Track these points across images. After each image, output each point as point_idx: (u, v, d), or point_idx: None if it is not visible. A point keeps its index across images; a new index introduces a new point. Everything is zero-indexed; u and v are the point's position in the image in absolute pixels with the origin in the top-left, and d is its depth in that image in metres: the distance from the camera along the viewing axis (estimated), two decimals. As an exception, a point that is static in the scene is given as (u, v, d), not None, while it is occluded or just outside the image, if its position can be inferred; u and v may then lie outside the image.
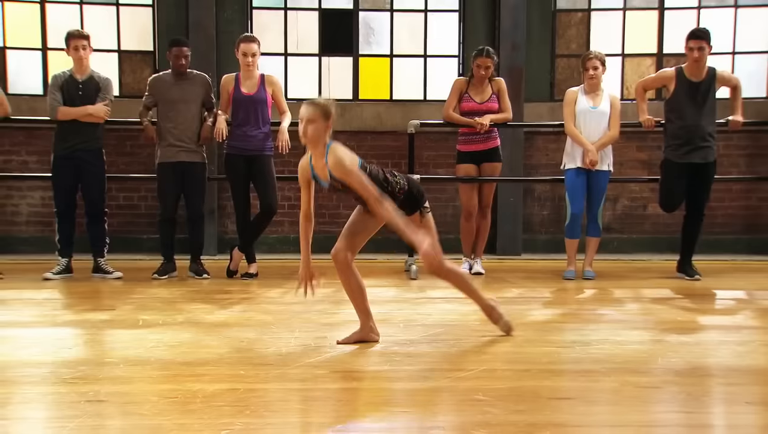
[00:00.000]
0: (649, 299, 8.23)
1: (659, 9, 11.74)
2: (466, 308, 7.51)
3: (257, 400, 4.66)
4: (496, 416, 4.29)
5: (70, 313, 7.32)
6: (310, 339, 6.21)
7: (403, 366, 5.43)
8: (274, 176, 9.32)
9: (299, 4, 11.59)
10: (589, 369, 5.28)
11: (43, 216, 11.27)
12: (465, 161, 9.68)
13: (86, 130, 9.15)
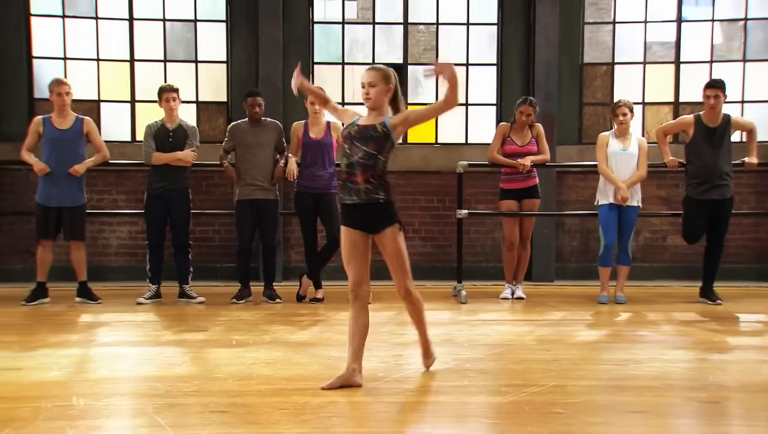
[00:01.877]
0: (680, 322, 8.19)
1: (675, 63, 11.75)
2: (520, 329, 7.57)
3: (358, 412, 4.70)
4: (578, 428, 4.31)
5: (169, 333, 7.35)
6: (388, 357, 6.24)
7: (479, 381, 5.46)
8: (339, 211, 9.31)
9: (355, 59, 11.65)
10: (649, 385, 5.29)
11: (130, 248, 11.34)
12: (507, 198, 9.70)
13: (175, 172, 9.24)
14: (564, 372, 5.68)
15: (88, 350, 6.75)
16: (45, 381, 5.47)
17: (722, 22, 11.99)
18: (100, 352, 6.65)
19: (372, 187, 5.23)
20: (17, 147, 10.56)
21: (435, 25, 11.75)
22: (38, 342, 6.95)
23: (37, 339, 7.06)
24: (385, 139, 5.24)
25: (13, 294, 9.60)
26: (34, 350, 6.59)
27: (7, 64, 11.19)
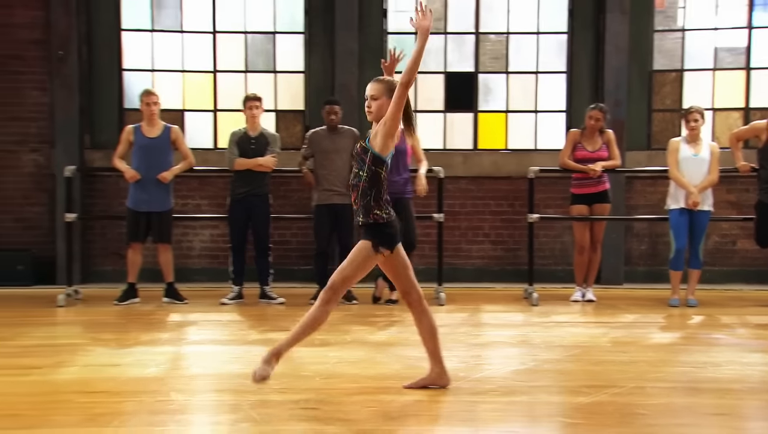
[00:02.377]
0: (755, 325, 8.09)
1: (746, 69, 11.53)
2: (593, 331, 7.51)
3: (446, 410, 4.71)
4: (662, 429, 4.28)
5: (254, 333, 7.43)
6: (467, 357, 6.25)
7: (559, 382, 5.44)
8: (414, 216, 9.35)
9: (428, 68, 11.64)
10: (729, 388, 5.22)
11: (212, 250, 11.46)
12: (578, 202, 9.64)
13: (257, 178, 9.33)
14: (642, 373, 5.63)
15: (180, 348, 6.89)
16: (143, 377, 5.58)
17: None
18: (191, 350, 6.78)
19: (357, 208, 5.11)
20: (108, 155, 10.79)
21: (505, 35, 11.68)
22: (132, 340, 7.09)
23: (131, 337, 7.21)
24: (364, 153, 4.98)
25: (105, 294, 9.78)
26: (130, 347, 6.74)
27: (100, 77, 11.41)
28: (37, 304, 9.24)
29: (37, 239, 11.23)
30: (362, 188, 5.00)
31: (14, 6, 11.11)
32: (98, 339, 7.14)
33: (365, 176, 4.97)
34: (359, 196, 5.04)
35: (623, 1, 11.18)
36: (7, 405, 4.83)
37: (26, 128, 11.25)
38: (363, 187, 4.99)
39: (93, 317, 8.46)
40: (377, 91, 4.96)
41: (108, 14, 11.39)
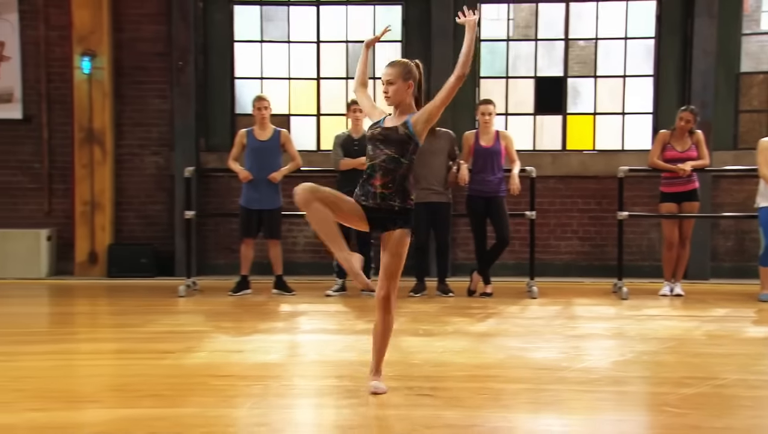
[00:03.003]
0: None
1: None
2: (686, 325, 7.35)
3: (556, 398, 4.62)
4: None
5: (361, 322, 7.42)
6: (567, 348, 6.17)
7: (660, 373, 5.32)
8: (507, 213, 9.27)
9: (518, 73, 11.55)
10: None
11: (314, 245, 11.49)
12: (667, 200, 9.42)
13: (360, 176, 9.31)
14: (743, 366, 5.49)
15: (294, 336, 6.98)
16: (266, 363, 5.67)
17: None
18: (305, 338, 6.85)
19: (388, 192, 4.72)
20: (221, 157, 11.00)
21: (594, 40, 11.50)
22: (250, 328, 7.17)
23: (249, 326, 7.29)
24: (408, 141, 4.73)
25: (219, 286, 9.94)
26: (249, 335, 6.83)
27: (214, 85, 11.58)
28: (160, 294, 9.42)
29: (157, 234, 11.45)
30: (400, 174, 4.75)
31: (141, 22, 11.35)
32: (220, 327, 7.25)
33: (406, 162, 4.76)
34: (395, 181, 4.74)
35: (711, 6, 10.92)
36: (149, 385, 4.95)
37: (148, 133, 11.48)
38: (401, 173, 4.76)
39: (211, 307, 8.56)
40: (393, 76, 4.84)
41: (222, 28, 11.56)
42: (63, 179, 11.41)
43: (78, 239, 11.15)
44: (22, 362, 5.74)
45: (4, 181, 11.43)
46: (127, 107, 11.42)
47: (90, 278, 10.87)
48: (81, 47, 10.96)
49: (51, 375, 5.30)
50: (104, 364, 5.70)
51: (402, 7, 11.56)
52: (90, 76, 10.97)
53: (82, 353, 6.13)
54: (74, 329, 7.60)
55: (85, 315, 8.52)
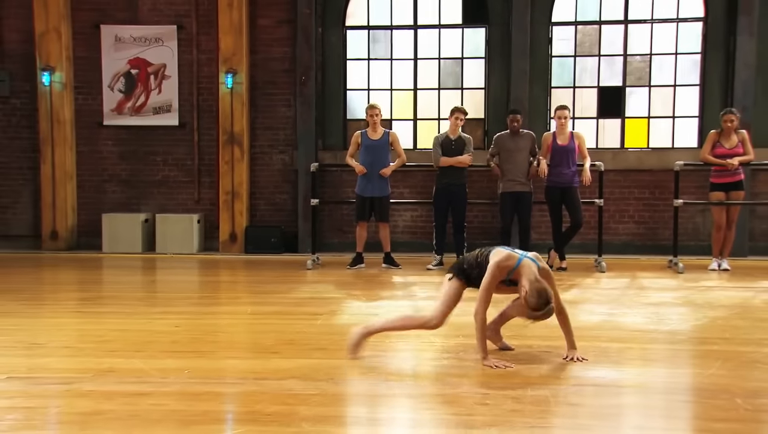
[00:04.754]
0: None
1: None
2: (744, 294, 7.24)
3: (654, 355, 4.58)
4: None
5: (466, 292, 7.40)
6: (648, 314, 6.17)
7: (739, 335, 5.27)
8: (580, 200, 9.24)
9: (583, 83, 11.45)
10: None
11: (411, 228, 11.57)
12: (717, 190, 9.31)
13: (457, 172, 9.42)
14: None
15: (415, 302, 6.98)
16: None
17: None
18: (425, 304, 6.74)
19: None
20: (334, 154, 11.19)
21: (648, 56, 11.34)
22: (375, 295, 7.31)
23: (374, 294, 7.42)
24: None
25: (335, 261, 10.13)
26: (377, 301, 6.97)
27: (330, 96, 11.73)
28: (291, 267, 9.61)
29: (284, 218, 11.67)
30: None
31: (272, 45, 11.57)
32: (351, 294, 7.39)
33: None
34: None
35: (752, 26, 10.69)
36: (314, 340, 5.13)
37: (276, 135, 11.69)
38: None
39: (336, 277, 8.69)
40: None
41: (337, 48, 11.69)
42: (209, 173, 11.70)
43: (221, 222, 11.43)
44: (207, 320, 5.97)
45: (165, 175, 11.79)
46: (260, 114, 11.64)
47: (231, 254, 11.15)
48: (225, 66, 11.22)
49: (234, 331, 5.51)
50: (270, 322, 5.87)
51: (485, 29, 11.53)
52: (231, 89, 11.22)
53: (249, 314, 6.32)
54: (234, 294, 7.84)
55: (239, 283, 8.76)
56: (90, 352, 4.70)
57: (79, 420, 3.33)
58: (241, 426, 3.22)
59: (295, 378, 4.10)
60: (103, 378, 4.04)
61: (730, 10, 10.89)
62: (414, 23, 11.69)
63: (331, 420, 3.44)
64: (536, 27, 11.27)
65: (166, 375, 4.12)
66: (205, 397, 3.69)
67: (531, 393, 3.75)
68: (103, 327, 5.52)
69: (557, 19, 11.43)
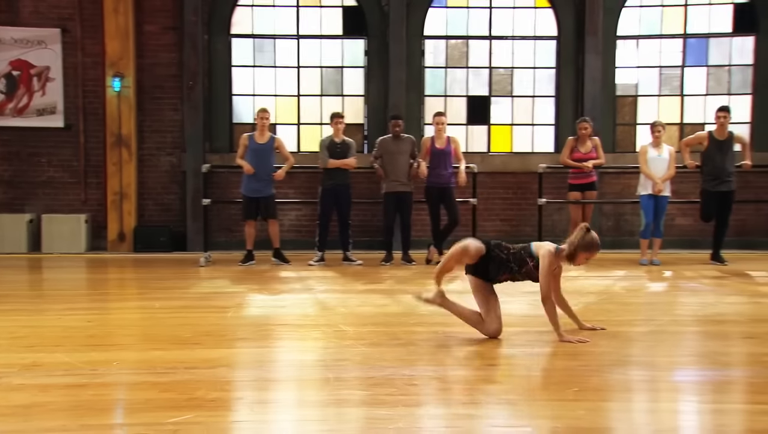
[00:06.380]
0: (710, 277, 8.09)
1: (680, 95, 11.72)
2: (606, 282, 7.53)
3: (547, 339, 4.74)
4: (713, 348, 4.37)
5: (359, 285, 7.45)
6: (532, 301, 6.25)
7: (613, 317, 5.41)
8: (456, 200, 9.49)
9: (454, 92, 11.79)
10: (735, 320, 5.32)
11: (296, 227, 11.51)
12: (574, 190, 9.85)
13: (342, 173, 9.41)
14: (668, 310, 5.77)
15: (314, 295, 6.77)
16: (310, 315, 5.67)
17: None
18: (326, 296, 6.72)
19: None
20: (222, 157, 10.98)
21: (510, 69, 11.81)
22: (275, 289, 7.18)
23: (273, 288, 7.31)
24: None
25: (225, 258, 9.90)
26: (277, 295, 6.84)
27: (217, 100, 11.49)
28: (183, 265, 9.32)
29: (172, 218, 11.33)
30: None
31: (159, 51, 11.22)
32: (251, 289, 7.18)
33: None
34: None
35: (597, 45, 11.34)
36: (232, 331, 5.00)
37: (164, 138, 11.34)
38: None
39: (230, 274, 8.48)
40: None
41: (223, 55, 11.47)
42: (96, 174, 11.17)
43: (110, 222, 10.95)
44: (118, 315, 5.72)
45: (50, 176, 11.15)
46: (148, 117, 11.24)
47: (120, 253, 10.70)
48: (112, 70, 10.75)
49: (148, 325, 5.29)
50: (182, 316, 5.64)
51: (365, 41, 11.64)
52: (119, 93, 10.77)
53: (157, 308, 6.05)
54: (137, 291, 7.51)
55: (138, 280, 8.38)
56: (7, 348, 4.38)
57: (19, 412, 3.11)
58: (189, 412, 3.12)
59: (225, 367, 4.00)
60: (31, 372, 3.79)
61: (579, 31, 11.52)
62: (297, 33, 11.64)
63: (275, 403, 3.40)
64: (411, 40, 11.50)
65: (95, 367, 3.91)
66: (143, 386, 3.54)
67: (453, 373, 3.84)
68: (12, 324, 5.15)
69: (429, 33, 11.70)
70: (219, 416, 3.15)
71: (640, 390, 3.61)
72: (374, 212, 11.19)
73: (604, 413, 3.26)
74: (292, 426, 3.04)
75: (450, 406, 3.27)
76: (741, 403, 3.35)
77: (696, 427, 3.05)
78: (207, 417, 3.09)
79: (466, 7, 11.69)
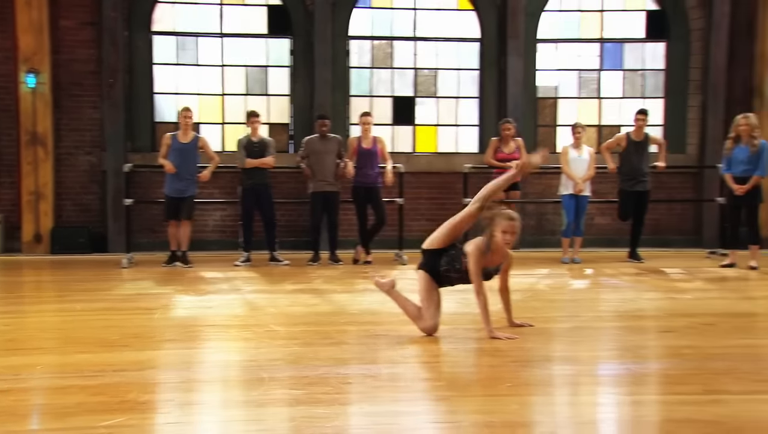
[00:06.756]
0: (629, 274, 8.41)
1: (597, 98, 12.12)
2: (530, 280, 7.69)
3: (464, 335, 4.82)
4: (634, 343, 4.52)
5: (288, 284, 7.42)
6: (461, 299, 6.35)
7: (540, 314, 5.57)
8: (383, 200, 9.55)
9: (379, 93, 11.83)
10: (654, 315, 5.53)
11: (221, 227, 11.37)
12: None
13: (261, 172, 9.33)
14: (590, 307, 5.96)
15: (243, 295, 6.73)
16: (241, 315, 5.60)
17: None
18: (254, 296, 6.67)
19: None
20: (144, 156, 10.74)
21: (435, 70, 11.96)
22: (202, 290, 7.06)
23: (200, 289, 7.16)
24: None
25: (148, 259, 9.71)
26: (206, 295, 6.72)
27: (138, 98, 11.23)
28: (104, 267, 9.10)
29: (91, 218, 11.02)
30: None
31: (76, 47, 10.90)
32: (177, 290, 7.03)
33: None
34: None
35: (519, 48, 11.59)
36: (160, 333, 4.90)
37: (83, 137, 11.03)
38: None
39: (154, 275, 8.32)
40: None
41: (144, 52, 11.22)
42: (9, 173, 10.77)
43: (24, 223, 10.56)
44: (37, 318, 5.53)
45: (-42, 176, 10.67)
46: (65, 115, 10.90)
47: (36, 255, 10.35)
48: (26, 66, 10.38)
49: (71, 327, 5.11)
50: (106, 318, 5.49)
51: (290, 40, 11.58)
52: (34, 89, 10.39)
53: (79, 311, 5.86)
54: (55, 293, 7.27)
55: (57, 282, 8.12)
56: None
57: (-62, 421, 2.98)
58: (121, 415, 3.04)
59: (156, 368, 3.92)
60: (-52, 379, 3.63)
61: (501, 34, 11.75)
62: (220, 32, 11.49)
63: (210, 405, 3.35)
64: (336, 40, 11.50)
65: (17, 372, 3.77)
66: (72, 390, 3.43)
67: (386, 371, 3.87)
68: None
69: (354, 33, 11.73)
70: (152, 418, 3.09)
71: (569, 384, 3.71)
72: (300, 212, 11.15)
73: (537, 407, 3.35)
74: (229, 427, 3.00)
75: (386, 403, 3.29)
76: (661, 394, 3.49)
77: (618, 419, 3.16)
78: (140, 420, 3.02)
79: (391, 8, 11.77)
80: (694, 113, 12.04)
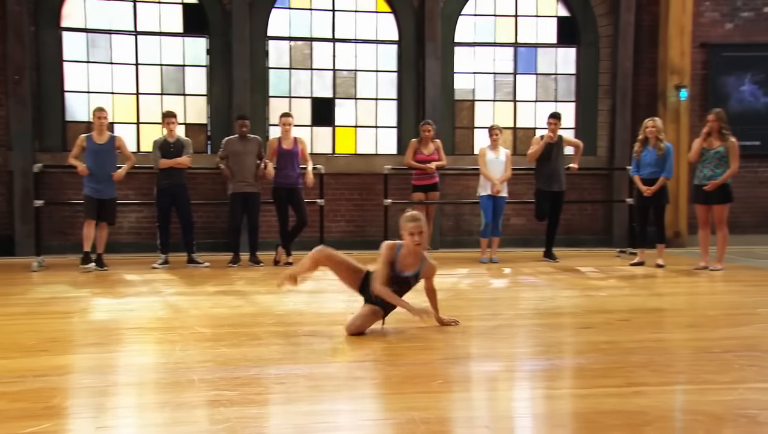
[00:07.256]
0: (546, 273, 8.64)
1: (513, 101, 12.42)
2: (451, 280, 7.79)
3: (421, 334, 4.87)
4: (558, 339, 4.64)
5: (209, 286, 7.28)
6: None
7: (464, 313, 5.68)
8: (304, 201, 9.52)
9: (298, 94, 11.78)
10: (572, 312, 5.69)
11: (137, 229, 11.10)
12: (418, 191, 10.16)
13: (177, 173, 9.18)
14: (510, 305, 6.10)
15: (165, 297, 6.59)
16: (163, 318, 5.49)
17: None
18: (175, 299, 6.54)
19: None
20: (54, 156, 10.40)
21: (354, 72, 11.99)
22: (121, 293, 6.87)
23: (118, 291, 6.97)
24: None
25: (58, 262, 9.39)
26: (125, 298, 6.57)
27: (47, 96, 10.81)
28: (12, 271, 8.75)
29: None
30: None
31: (-22, 40, 10.37)
32: (95, 293, 6.85)
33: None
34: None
35: (436, 51, 11.74)
36: (80, 337, 4.79)
37: (-13, 135, 10.51)
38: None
39: (68, 278, 8.03)
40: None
41: (53, 48, 10.81)
42: None
43: None
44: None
45: None
46: (-33, 113, 10.39)
47: (-64, 260, 9.81)
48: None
49: (-17, 335, 4.89)
50: (22, 322, 5.28)
51: (207, 39, 11.40)
52: (-67, 85, 9.87)
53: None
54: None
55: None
56: None
57: None
58: (46, 421, 2.94)
59: (78, 373, 3.81)
60: None
61: (419, 36, 11.88)
62: (134, 29, 11.20)
63: (141, 408, 3.27)
64: (254, 40, 11.38)
65: (-72, 381, 3.60)
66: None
67: (319, 370, 3.87)
68: None
69: (273, 34, 11.63)
70: (79, 423, 3.00)
71: (499, 380, 3.81)
72: (219, 213, 11.00)
73: (470, 402, 3.42)
74: (164, 430, 2.94)
75: (321, 402, 3.30)
76: (588, 388, 3.61)
77: (550, 411, 3.26)
78: (66, 425, 2.94)
79: (310, 9, 11.73)
80: (604, 117, 12.48)
